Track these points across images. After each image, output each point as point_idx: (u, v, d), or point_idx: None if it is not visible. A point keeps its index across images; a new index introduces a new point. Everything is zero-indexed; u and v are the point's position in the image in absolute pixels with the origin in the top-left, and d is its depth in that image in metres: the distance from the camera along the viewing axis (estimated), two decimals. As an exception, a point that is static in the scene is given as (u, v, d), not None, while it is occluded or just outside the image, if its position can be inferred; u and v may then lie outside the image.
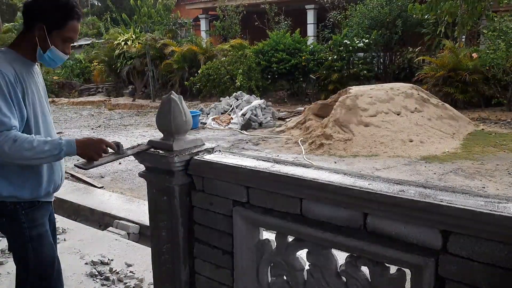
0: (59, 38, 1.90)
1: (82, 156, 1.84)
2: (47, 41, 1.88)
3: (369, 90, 8.86)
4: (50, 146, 1.77)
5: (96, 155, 1.83)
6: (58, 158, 1.86)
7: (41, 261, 1.99)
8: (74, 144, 1.81)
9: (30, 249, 1.95)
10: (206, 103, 13.86)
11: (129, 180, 6.42)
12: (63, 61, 2.03)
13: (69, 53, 2.00)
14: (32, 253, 1.96)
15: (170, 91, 1.95)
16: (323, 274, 1.58)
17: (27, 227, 1.94)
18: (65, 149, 1.79)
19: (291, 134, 9.24)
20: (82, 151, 1.82)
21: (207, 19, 20.97)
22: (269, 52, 13.66)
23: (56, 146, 1.78)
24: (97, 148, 1.83)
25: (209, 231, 1.86)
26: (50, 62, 1.94)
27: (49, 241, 2.04)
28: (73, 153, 1.82)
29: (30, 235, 1.95)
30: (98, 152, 1.83)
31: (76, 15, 1.90)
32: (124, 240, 3.97)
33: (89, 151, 1.83)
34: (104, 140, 1.87)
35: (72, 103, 17.04)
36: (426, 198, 1.29)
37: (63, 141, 1.81)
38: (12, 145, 1.70)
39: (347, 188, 1.42)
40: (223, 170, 1.75)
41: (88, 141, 1.85)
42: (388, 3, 13.54)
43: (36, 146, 1.74)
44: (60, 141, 1.80)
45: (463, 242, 1.23)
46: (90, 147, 1.83)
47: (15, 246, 2.00)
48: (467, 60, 10.87)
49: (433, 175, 6.09)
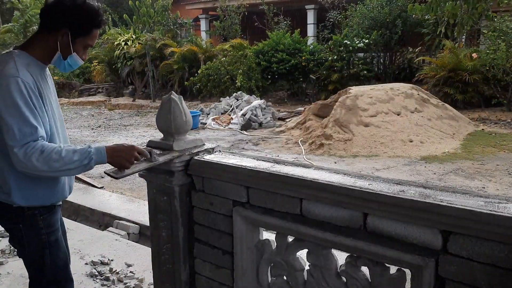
0: (81, 44, 1.84)
1: (113, 164, 1.75)
2: (69, 47, 1.81)
3: (369, 90, 8.86)
4: (79, 155, 1.67)
5: (128, 163, 1.73)
6: (89, 168, 1.73)
7: (56, 265, 1.95)
8: (104, 151, 1.71)
9: (48, 254, 1.90)
10: (206, 103, 13.86)
11: (129, 180, 6.41)
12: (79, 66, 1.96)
13: (85, 59, 1.95)
14: (49, 259, 1.91)
15: (170, 91, 1.95)
16: (323, 274, 1.58)
17: (46, 233, 1.88)
18: (95, 157, 1.70)
19: (291, 134, 9.24)
20: (112, 159, 1.73)
21: (207, 19, 20.97)
22: (269, 52, 13.67)
23: (86, 155, 1.68)
24: (129, 156, 1.73)
25: (209, 231, 1.86)
26: (68, 67, 1.88)
27: (63, 245, 2.01)
28: (103, 162, 1.72)
29: (49, 240, 1.90)
30: (130, 160, 1.73)
31: (102, 24, 1.86)
32: (124, 240, 3.97)
33: (120, 159, 1.73)
34: (136, 147, 1.77)
35: (72, 103, 17.04)
36: (426, 198, 1.29)
37: (92, 149, 1.71)
38: (39, 156, 1.62)
39: (347, 188, 1.42)
40: (223, 170, 1.75)
41: (119, 148, 1.75)
42: (388, 3, 13.54)
43: (64, 156, 1.65)
44: (89, 149, 1.70)
45: (463, 242, 1.23)
46: (121, 154, 1.73)
47: (31, 252, 1.91)
48: (467, 61, 10.87)
49: (433, 175, 6.09)
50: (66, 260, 2.03)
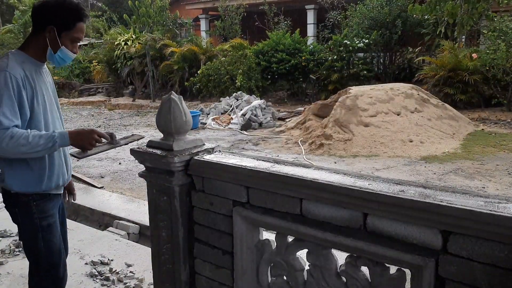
0: (68, 38, 2.02)
1: (75, 146, 1.99)
2: (57, 42, 2.00)
3: (369, 90, 8.86)
4: (45, 140, 1.90)
5: (89, 145, 2.00)
6: (53, 150, 1.97)
7: (51, 250, 2.11)
8: (67, 135, 1.96)
9: (40, 238, 2.08)
10: (206, 103, 13.86)
11: (129, 180, 6.42)
12: (71, 60, 2.15)
13: (77, 52, 2.12)
14: (42, 242, 2.08)
15: (170, 91, 1.95)
16: (323, 274, 1.58)
17: (38, 218, 2.06)
18: (58, 141, 1.93)
19: (291, 134, 9.24)
20: (75, 142, 1.98)
21: (207, 19, 20.98)
22: (269, 52, 13.67)
23: (50, 138, 1.91)
24: (89, 138, 1.99)
25: (209, 231, 1.86)
26: (60, 61, 2.06)
27: (58, 231, 2.16)
28: (66, 144, 1.97)
29: (41, 225, 2.07)
30: (90, 141, 1.99)
31: (84, 17, 2.04)
32: (124, 240, 3.97)
33: (82, 142, 1.99)
34: (96, 130, 2.02)
35: (72, 103, 17.04)
36: (426, 198, 1.29)
37: (56, 133, 1.94)
38: (9, 141, 1.83)
39: (347, 188, 1.42)
40: (223, 170, 1.75)
41: (80, 132, 2.00)
42: (388, 3, 13.54)
43: (31, 141, 1.87)
44: (53, 133, 1.94)
45: (463, 242, 1.23)
46: (82, 137, 1.99)
47: (26, 236, 2.11)
48: (467, 61, 10.88)
49: (433, 175, 6.09)
50: (60, 246, 2.17)
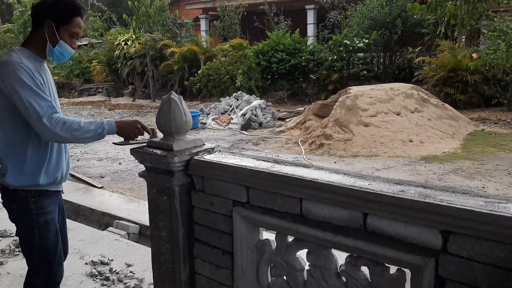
0: (66, 33, 2.07)
1: (120, 134, 2.07)
2: (56, 36, 2.04)
3: (369, 90, 8.86)
4: (95, 125, 1.99)
5: (133, 134, 2.07)
6: (102, 136, 2.04)
7: (45, 246, 2.13)
8: (114, 123, 2.04)
9: (37, 234, 2.10)
10: (206, 103, 13.86)
11: (129, 180, 6.42)
12: (71, 55, 2.17)
13: (75, 48, 2.16)
14: (37, 238, 2.10)
15: (170, 91, 1.95)
16: (323, 274, 1.58)
17: (35, 214, 2.09)
18: (107, 127, 2.01)
19: (291, 134, 9.24)
20: (120, 130, 2.05)
21: (207, 19, 20.98)
22: (269, 52, 13.66)
23: (99, 125, 2.00)
24: (133, 127, 2.07)
25: (209, 231, 1.86)
26: (60, 56, 2.10)
27: (54, 228, 2.18)
28: (113, 132, 2.04)
29: (38, 221, 2.09)
30: (134, 131, 2.07)
31: (81, 11, 2.09)
32: (124, 240, 3.97)
33: (127, 130, 2.06)
34: (139, 122, 2.10)
35: (72, 103, 17.04)
36: (426, 198, 1.28)
37: (105, 121, 2.03)
38: (63, 126, 1.92)
39: (347, 188, 1.42)
40: (223, 170, 1.75)
41: (126, 121, 2.09)
42: (388, 3, 13.54)
43: (83, 126, 1.96)
44: (102, 121, 2.03)
45: (463, 242, 1.23)
46: (127, 126, 2.07)
47: (23, 231, 2.14)
48: (467, 61, 10.87)
49: (433, 175, 6.09)
50: (56, 245, 2.18)
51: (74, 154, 8.10)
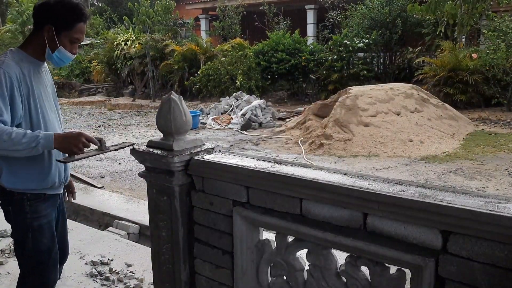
0: (67, 39, 2.00)
1: (61, 150, 1.91)
2: (55, 42, 1.98)
3: (369, 90, 8.86)
4: (28, 139, 1.82)
5: (76, 149, 1.88)
6: (36, 151, 1.88)
7: (38, 249, 2.09)
8: (52, 138, 1.86)
9: (30, 238, 2.06)
10: (206, 103, 13.86)
11: (129, 180, 6.42)
12: (70, 61, 2.13)
13: (76, 53, 2.09)
14: (30, 242, 2.06)
15: (170, 91, 1.95)
16: (323, 274, 1.58)
17: (30, 218, 2.04)
18: (42, 141, 1.84)
19: (291, 134, 9.24)
20: (60, 145, 1.88)
21: (207, 19, 20.98)
22: (269, 52, 13.66)
23: (34, 139, 1.83)
24: (76, 141, 1.87)
25: (209, 231, 1.86)
26: (58, 61, 2.04)
27: (50, 231, 2.13)
28: (50, 147, 1.88)
29: (32, 225, 2.05)
30: (77, 145, 1.87)
31: (83, 17, 2.01)
32: (124, 240, 3.97)
33: (68, 145, 1.87)
34: (84, 134, 1.91)
35: (72, 103, 17.04)
36: (426, 198, 1.28)
37: (41, 134, 1.86)
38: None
39: (347, 188, 1.42)
40: (223, 170, 1.75)
41: (67, 135, 1.90)
42: (388, 3, 13.54)
43: (14, 137, 1.79)
44: (38, 133, 1.85)
45: (463, 242, 1.23)
46: (69, 140, 1.88)
47: (17, 233, 2.10)
48: (467, 61, 10.88)
49: (433, 175, 6.09)
50: (50, 248, 2.13)
51: (74, 154, 8.10)
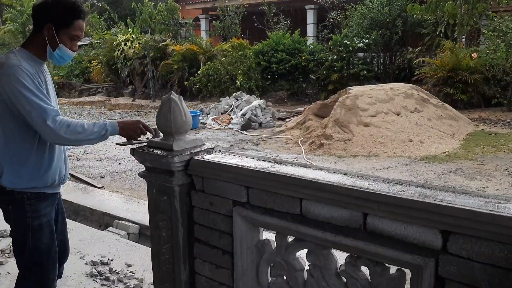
0: (66, 36, 2.04)
1: (123, 135, 2.07)
2: (55, 40, 2.01)
3: (369, 90, 8.86)
4: (98, 127, 1.99)
5: (135, 134, 2.07)
6: (105, 138, 2.04)
7: (38, 248, 2.10)
8: (116, 125, 2.03)
9: (30, 237, 2.08)
10: (206, 103, 13.85)
11: (129, 180, 6.41)
12: (71, 58, 2.16)
13: (76, 50, 2.14)
14: (30, 241, 2.08)
15: (170, 91, 1.95)
16: (323, 274, 1.58)
17: (30, 217, 2.06)
18: (110, 129, 2.01)
19: (291, 134, 9.24)
20: (123, 131, 2.05)
21: (207, 19, 20.98)
22: (269, 52, 13.66)
23: (103, 127, 2.00)
24: (136, 127, 2.06)
25: (209, 231, 1.86)
26: (59, 59, 2.08)
27: (49, 230, 2.15)
28: (116, 133, 2.04)
29: (32, 224, 2.07)
30: (136, 131, 2.07)
31: (81, 14, 2.05)
32: (124, 240, 3.97)
33: (129, 131, 2.06)
34: (141, 121, 2.09)
35: (72, 103, 17.04)
36: (426, 198, 1.29)
37: (107, 122, 2.03)
38: (67, 129, 1.92)
39: (347, 188, 1.42)
40: (223, 170, 1.75)
41: (128, 122, 2.08)
42: (388, 3, 13.53)
43: (87, 128, 1.96)
44: (105, 122, 2.02)
45: (463, 242, 1.23)
46: (130, 126, 2.06)
47: (16, 232, 2.12)
48: (467, 60, 10.87)
49: (433, 175, 6.09)
50: (49, 248, 2.15)
51: (74, 154, 8.10)
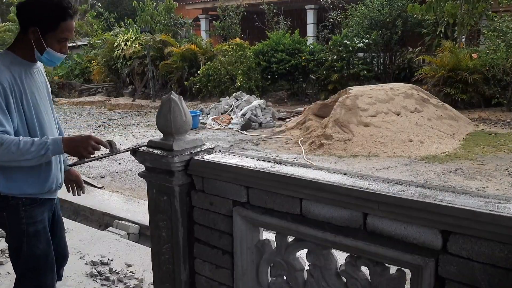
0: (54, 39, 1.90)
1: (70, 154, 1.87)
2: (42, 44, 1.89)
3: (369, 90, 8.86)
4: (36, 146, 1.78)
5: (86, 152, 1.84)
6: (47, 158, 1.86)
7: (34, 254, 2.03)
8: (60, 142, 1.82)
9: (25, 243, 2.00)
10: (206, 103, 13.86)
11: (129, 180, 6.41)
12: (61, 61, 2.04)
13: (66, 52, 2.00)
14: (26, 247, 2.00)
15: (170, 91, 1.95)
16: (323, 274, 1.58)
17: (25, 223, 1.98)
18: (51, 147, 1.80)
19: (291, 134, 9.24)
20: (70, 149, 1.84)
21: (207, 19, 20.97)
22: (269, 52, 13.66)
23: (42, 145, 1.79)
24: (86, 145, 1.84)
25: (209, 231, 1.86)
26: (48, 62, 1.98)
27: (45, 237, 2.08)
28: (60, 152, 1.84)
29: (27, 231, 1.99)
30: (87, 148, 1.84)
31: (68, 16, 1.89)
32: (124, 240, 3.97)
33: (78, 148, 1.84)
34: (93, 137, 1.87)
35: (72, 103, 17.04)
36: (426, 198, 1.29)
37: (49, 140, 1.81)
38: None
39: (347, 188, 1.42)
40: (223, 170, 1.75)
41: (76, 139, 1.86)
42: (389, 3, 13.53)
43: (22, 147, 1.75)
44: (46, 140, 1.81)
45: (463, 242, 1.23)
46: (78, 144, 1.84)
47: (11, 238, 2.04)
48: (467, 60, 10.87)
49: (433, 175, 6.09)
50: (46, 254, 2.07)
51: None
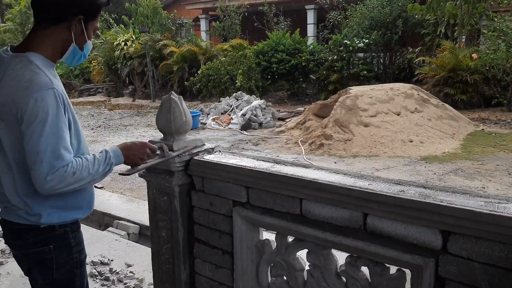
0: (92, 28, 1.67)
1: (127, 163, 1.73)
2: (84, 35, 1.63)
3: (369, 90, 8.86)
4: (102, 165, 1.61)
5: (141, 160, 1.74)
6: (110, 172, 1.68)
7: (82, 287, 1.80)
8: (120, 153, 1.67)
9: (78, 275, 1.75)
10: (206, 103, 13.86)
11: (129, 180, 6.41)
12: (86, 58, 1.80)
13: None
14: (79, 280, 1.76)
15: (170, 91, 1.95)
16: (323, 274, 1.58)
17: (77, 251, 1.75)
18: (114, 161, 1.65)
19: (291, 134, 9.24)
20: (127, 158, 1.71)
21: (207, 19, 20.97)
22: (269, 52, 13.66)
23: (107, 161, 1.63)
24: (141, 153, 1.73)
25: (209, 231, 1.86)
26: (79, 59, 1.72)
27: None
28: (120, 163, 1.69)
29: (80, 259, 1.76)
30: (143, 157, 1.74)
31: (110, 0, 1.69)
32: (124, 240, 3.97)
33: (134, 157, 1.72)
34: (148, 144, 1.77)
35: (72, 103, 16.93)
36: (426, 198, 1.29)
37: (110, 153, 1.65)
38: (71, 178, 1.52)
39: (347, 189, 1.42)
40: (223, 170, 1.75)
41: (132, 147, 1.73)
42: (389, 3, 13.53)
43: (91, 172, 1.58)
44: (107, 155, 1.64)
45: (463, 242, 1.23)
46: (135, 152, 1.72)
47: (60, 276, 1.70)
48: (467, 61, 10.87)
49: (433, 175, 6.09)
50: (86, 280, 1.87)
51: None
